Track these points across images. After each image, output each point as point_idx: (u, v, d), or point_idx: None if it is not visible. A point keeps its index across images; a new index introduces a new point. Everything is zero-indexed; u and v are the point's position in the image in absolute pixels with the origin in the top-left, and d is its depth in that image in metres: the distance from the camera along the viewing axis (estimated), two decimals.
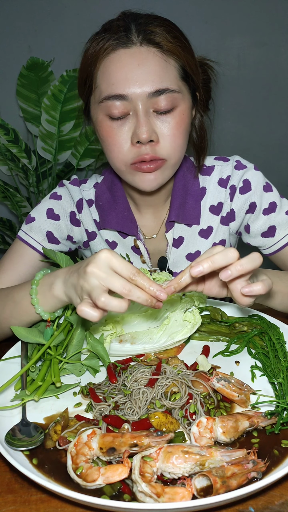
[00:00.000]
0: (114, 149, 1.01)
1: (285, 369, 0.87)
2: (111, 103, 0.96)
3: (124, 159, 1.01)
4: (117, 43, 0.95)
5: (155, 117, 0.98)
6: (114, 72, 0.95)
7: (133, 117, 0.97)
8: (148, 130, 0.96)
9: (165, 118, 0.98)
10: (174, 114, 0.98)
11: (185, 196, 1.17)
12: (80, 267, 0.81)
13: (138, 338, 0.96)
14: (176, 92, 0.97)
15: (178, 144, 1.01)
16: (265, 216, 1.15)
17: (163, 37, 0.95)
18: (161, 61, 0.95)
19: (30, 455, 0.72)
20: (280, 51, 2.68)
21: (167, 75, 0.96)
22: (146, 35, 0.95)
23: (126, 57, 0.94)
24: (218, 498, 0.60)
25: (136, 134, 0.96)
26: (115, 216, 1.18)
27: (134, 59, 0.94)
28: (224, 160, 1.20)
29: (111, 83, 0.95)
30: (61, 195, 1.20)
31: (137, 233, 1.18)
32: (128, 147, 0.99)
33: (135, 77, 0.94)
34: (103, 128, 1.01)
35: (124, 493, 0.66)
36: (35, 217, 1.17)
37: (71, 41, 2.48)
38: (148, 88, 0.94)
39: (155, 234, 1.22)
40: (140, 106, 0.95)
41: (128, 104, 0.96)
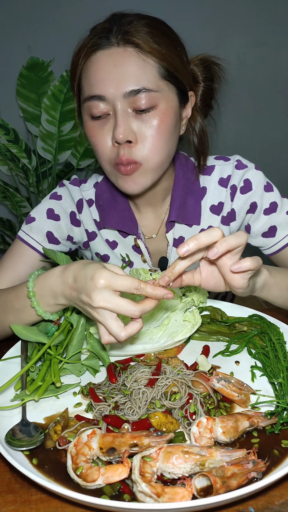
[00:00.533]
0: (98, 149, 1.02)
1: (285, 369, 0.87)
2: (91, 103, 0.98)
3: (108, 158, 1.02)
4: (97, 44, 0.97)
5: (134, 117, 0.98)
6: (93, 73, 0.97)
7: (113, 117, 0.98)
8: (125, 131, 0.96)
9: (144, 117, 0.98)
10: (154, 113, 0.98)
11: (185, 196, 1.17)
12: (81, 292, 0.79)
13: (138, 338, 0.96)
14: (153, 91, 0.96)
15: (156, 146, 1.00)
16: (266, 216, 1.15)
17: (142, 36, 0.95)
18: (138, 61, 0.95)
19: (30, 455, 0.72)
20: (280, 51, 2.68)
21: (144, 74, 0.95)
22: (124, 35, 0.95)
23: (104, 58, 0.96)
24: (218, 498, 0.60)
25: (113, 135, 0.98)
26: (116, 215, 1.18)
27: (111, 60, 0.95)
28: (225, 160, 1.20)
29: (91, 84, 0.97)
30: (61, 195, 1.20)
31: (138, 232, 1.18)
32: (110, 146, 1.00)
33: (111, 78, 0.95)
34: (87, 128, 1.03)
35: (124, 493, 0.66)
36: (35, 217, 1.17)
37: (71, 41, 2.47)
38: (124, 88, 0.95)
39: (155, 234, 1.22)
40: (118, 106, 0.96)
41: (107, 104, 0.97)
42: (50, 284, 0.87)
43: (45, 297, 0.88)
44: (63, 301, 0.87)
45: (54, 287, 0.86)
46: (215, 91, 1.16)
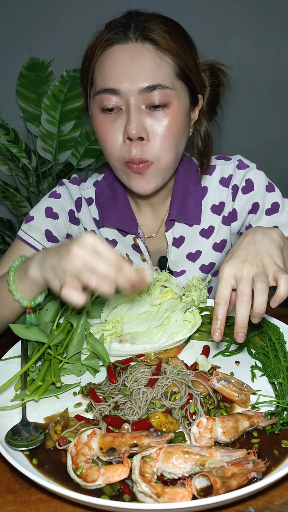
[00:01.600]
0: (107, 145, 1.01)
1: (285, 369, 0.87)
2: (104, 96, 0.97)
3: (117, 156, 1.01)
4: (114, 38, 0.96)
5: (147, 113, 0.97)
6: (108, 66, 0.96)
7: (125, 113, 0.97)
8: (138, 127, 0.96)
9: (157, 114, 0.97)
10: (167, 111, 0.98)
11: (186, 195, 1.16)
12: (60, 248, 0.79)
13: (138, 338, 0.96)
14: (168, 88, 0.97)
15: (168, 145, 1.00)
16: (267, 216, 1.15)
17: (160, 34, 0.96)
18: (155, 57, 0.95)
19: (30, 455, 0.72)
20: (281, 51, 2.68)
21: (160, 71, 0.96)
22: (143, 31, 0.95)
23: (121, 52, 0.96)
24: (218, 498, 0.60)
25: (126, 130, 0.97)
26: (115, 214, 1.18)
27: (128, 55, 0.95)
28: (226, 159, 1.20)
29: (104, 77, 0.97)
30: (60, 194, 1.20)
31: (137, 232, 1.18)
32: (121, 143, 0.99)
33: (127, 72, 0.95)
34: (96, 122, 1.02)
35: (124, 493, 0.66)
36: (34, 216, 1.17)
37: (71, 41, 2.47)
38: (140, 83, 0.95)
39: (155, 234, 1.22)
40: (132, 101, 0.95)
41: (121, 98, 0.96)
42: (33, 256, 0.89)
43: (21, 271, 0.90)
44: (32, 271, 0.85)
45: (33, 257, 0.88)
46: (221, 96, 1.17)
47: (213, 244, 1.20)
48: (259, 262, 0.82)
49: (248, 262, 0.81)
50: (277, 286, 0.78)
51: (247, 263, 0.81)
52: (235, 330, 0.79)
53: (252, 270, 0.80)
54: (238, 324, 0.78)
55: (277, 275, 0.79)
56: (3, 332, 1.07)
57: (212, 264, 1.22)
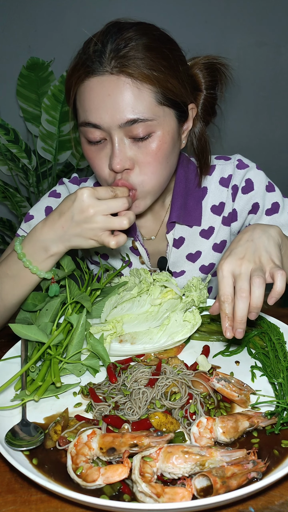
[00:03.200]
0: (95, 171, 1.02)
1: (285, 369, 0.87)
2: (87, 129, 0.96)
3: (106, 181, 1.01)
4: (90, 70, 0.92)
5: (131, 144, 0.95)
6: (88, 100, 0.93)
7: (109, 143, 0.96)
8: (121, 161, 0.94)
9: (141, 144, 0.95)
10: (151, 140, 0.95)
11: (186, 197, 1.16)
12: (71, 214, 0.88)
13: (138, 338, 0.96)
14: (149, 120, 0.93)
15: (153, 171, 0.98)
16: (268, 216, 1.14)
17: (137, 64, 0.90)
18: (133, 89, 0.91)
19: (30, 455, 0.72)
20: (280, 51, 2.68)
21: (139, 103, 0.91)
22: (119, 63, 0.90)
23: (97, 85, 0.92)
24: (218, 498, 0.60)
25: (110, 163, 0.96)
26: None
27: (104, 88, 0.91)
28: (225, 159, 1.19)
29: (85, 109, 0.95)
30: (60, 193, 1.20)
31: (135, 235, 1.17)
32: (107, 171, 0.99)
33: (105, 107, 0.91)
34: (84, 150, 1.02)
35: (124, 493, 0.66)
36: (33, 215, 1.17)
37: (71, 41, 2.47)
38: (119, 119, 0.91)
39: (154, 236, 1.22)
40: (114, 135, 0.94)
41: (103, 131, 0.95)
42: (38, 237, 0.92)
43: (36, 254, 0.93)
44: (55, 248, 0.92)
45: (43, 237, 0.91)
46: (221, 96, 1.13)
47: (213, 244, 1.20)
48: (257, 259, 0.82)
49: (246, 259, 0.82)
50: (274, 282, 0.79)
51: (245, 260, 0.82)
52: (234, 327, 0.80)
53: (250, 267, 0.81)
54: (237, 320, 0.79)
55: (273, 271, 0.80)
56: (3, 332, 1.07)
57: (212, 264, 1.22)
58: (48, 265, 0.94)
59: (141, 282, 1.03)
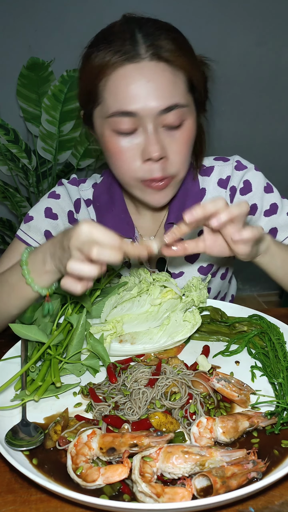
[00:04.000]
0: (123, 165, 0.99)
1: (285, 369, 0.87)
2: (119, 119, 0.93)
3: (135, 176, 0.99)
4: (125, 57, 0.91)
5: (164, 132, 0.96)
6: (123, 88, 0.92)
7: (143, 133, 0.95)
8: (159, 148, 0.94)
9: (174, 133, 0.96)
10: (183, 129, 0.97)
11: (185, 198, 1.16)
12: (63, 239, 0.82)
13: (138, 338, 0.96)
14: (185, 107, 0.95)
15: (186, 159, 1.01)
16: (266, 217, 1.14)
17: (172, 51, 0.92)
18: (170, 76, 0.92)
19: (30, 455, 0.72)
20: (281, 50, 2.68)
21: (176, 90, 0.93)
22: (155, 50, 0.91)
23: (135, 72, 0.91)
24: (218, 498, 0.60)
25: (147, 152, 0.94)
26: (112, 218, 1.17)
27: (143, 75, 0.91)
28: (224, 160, 1.19)
29: (119, 99, 0.92)
30: (59, 194, 1.20)
31: (134, 236, 1.17)
32: (139, 164, 0.97)
33: (144, 94, 0.91)
34: (110, 144, 0.98)
35: (124, 493, 0.66)
36: (33, 216, 1.17)
37: (71, 41, 2.47)
38: (158, 105, 0.91)
39: (153, 236, 1.22)
40: (151, 123, 0.93)
41: (137, 120, 0.93)
42: (41, 249, 0.90)
43: (36, 265, 0.90)
44: (49, 264, 0.88)
45: (44, 249, 0.89)
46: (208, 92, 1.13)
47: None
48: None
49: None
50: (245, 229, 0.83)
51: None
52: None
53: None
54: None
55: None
56: (3, 332, 1.07)
57: (210, 266, 1.22)
58: (45, 281, 0.90)
59: (141, 282, 1.03)
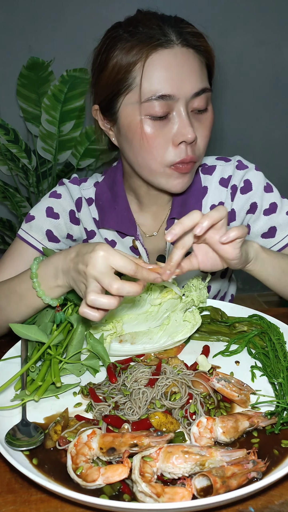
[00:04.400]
0: (153, 151, 1.00)
1: (285, 369, 0.87)
2: (156, 103, 0.96)
3: (164, 161, 1.01)
4: (158, 43, 0.95)
5: (193, 116, 1.00)
6: (159, 72, 0.95)
7: (176, 117, 0.98)
8: (193, 131, 0.98)
9: (201, 117, 1.01)
10: (208, 113, 1.02)
11: (187, 194, 1.17)
12: (78, 262, 0.82)
13: (138, 338, 0.96)
14: (210, 91, 1.01)
15: (206, 144, 1.05)
16: (265, 216, 1.15)
17: (198, 38, 0.99)
18: (198, 62, 0.98)
19: (30, 455, 0.72)
20: (281, 50, 2.68)
21: (203, 75, 1.00)
22: (185, 37, 0.97)
23: (169, 57, 0.95)
24: (218, 498, 0.60)
25: (181, 134, 0.97)
26: (114, 216, 1.18)
27: (177, 60, 0.96)
28: (226, 160, 1.20)
29: (156, 82, 0.96)
30: (60, 194, 1.20)
31: (136, 234, 1.18)
32: (170, 148, 1.00)
33: (179, 78, 0.95)
34: (143, 129, 0.99)
35: (124, 493, 0.66)
36: (34, 216, 1.17)
37: (71, 41, 2.48)
38: (191, 88, 0.96)
39: (156, 232, 1.22)
40: (183, 106, 0.97)
41: (172, 103, 0.97)
42: (53, 262, 0.90)
43: (47, 278, 0.91)
44: (61, 280, 0.89)
45: (56, 264, 0.89)
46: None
47: None
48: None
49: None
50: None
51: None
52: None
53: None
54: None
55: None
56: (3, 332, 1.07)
57: None
58: (55, 294, 0.92)
59: None
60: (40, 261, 0.94)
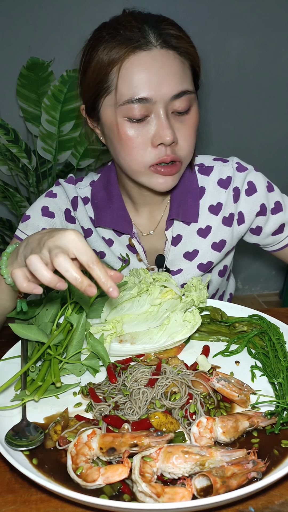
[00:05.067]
0: (133, 152, 1.00)
1: (285, 369, 0.87)
2: (132, 106, 0.96)
3: (144, 162, 1.01)
4: (137, 45, 0.94)
5: (174, 118, 0.99)
6: (137, 74, 0.94)
7: (155, 119, 0.98)
8: (172, 133, 0.97)
9: (183, 118, 1.00)
10: (190, 114, 1.01)
11: (184, 194, 1.18)
12: (45, 235, 0.78)
13: (138, 338, 0.96)
14: (192, 93, 1.00)
15: (193, 144, 1.04)
16: (274, 215, 1.19)
17: (179, 39, 0.97)
18: (179, 63, 0.97)
19: (30, 455, 0.72)
20: (280, 51, 2.68)
21: (185, 76, 0.98)
22: (165, 38, 0.95)
23: (147, 59, 0.94)
24: (218, 498, 0.60)
25: (159, 136, 0.97)
26: (110, 215, 1.18)
27: (156, 62, 0.94)
28: (223, 161, 1.21)
29: (133, 85, 0.95)
30: (56, 193, 1.21)
31: (132, 232, 1.18)
32: (149, 149, 1.00)
33: (158, 80, 0.94)
34: (122, 131, 1.00)
35: (124, 493, 0.66)
36: (30, 215, 1.18)
37: (71, 41, 2.47)
38: (170, 91, 0.95)
39: (152, 231, 1.23)
40: (162, 108, 0.96)
41: (150, 106, 0.96)
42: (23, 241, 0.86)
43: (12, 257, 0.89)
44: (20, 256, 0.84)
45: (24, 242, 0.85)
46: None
47: (212, 243, 1.20)
48: None
49: None
50: None
51: None
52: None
53: None
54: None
55: None
56: (3, 332, 1.07)
57: (210, 263, 1.22)
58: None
59: (140, 282, 1.03)
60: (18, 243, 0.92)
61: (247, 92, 2.75)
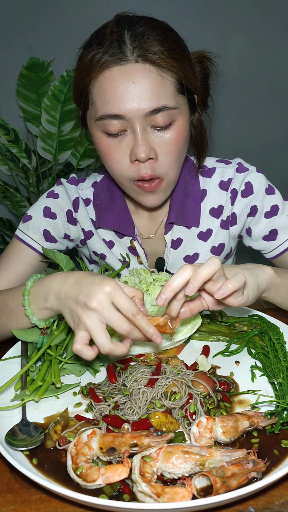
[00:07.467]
0: (113, 166, 1.00)
1: (285, 369, 0.87)
2: (107, 122, 0.94)
3: (126, 175, 1.00)
4: (111, 59, 0.91)
5: (153, 133, 0.96)
6: (109, 90, 0.92)
7: (131, 134, 0.95)
8: (146, 150, 0.94)
9: (163, 134, 0.96)
10: (172, 129, 0.96)
11: (185, 198, 1.16)
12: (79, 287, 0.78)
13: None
14: (173, 108, 0.94)
15: (175, 160, 1.00)
16: (266, 219, 1.14)
17: (159, 53, 0.91)
18: (157, 78, 0.92)
19: (30, 455, 0.72)
20: (280, 51, 2.68)
21: (163, 92, 0.93)
22: (142, 52, 0.91)
23: (121, 74, 0.91)
24: (218, 498, 0.60)
25: (134, 153, 0.95)
26: (112, 216, 1.17)
27: (129, 77, 0.91)
28: (226, 163, 1.19)
29: (106, 101, 0.93)
30: (58, 194, 1.20)
31: (134, 234, 1.17)
32: (128, 164, 0.98)
33: (131, 96, 0.91)
34: (101, 145, 0.99)
35: (124, 493, 0.66)
36: (32, 216, 1.17)
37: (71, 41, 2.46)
38: (144, 107, 0.91)
39: (153, 235, 1.22)
40: (138, 124, 0.93)
41: (125, 122, 0.94)
42: (48, 283, 0.85)
43: (38, 298, 0.86)
44: (52, 303, 0.83)
45: (51, 286, 0.84)
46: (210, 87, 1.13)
47: (211, 247, 1.20)
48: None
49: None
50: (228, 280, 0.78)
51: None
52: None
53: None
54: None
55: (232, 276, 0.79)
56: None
57: None
58: (43, 315, 0.88)
59: (141, 282, 1.03)
60: (37, 279, 0.90)
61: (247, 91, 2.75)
